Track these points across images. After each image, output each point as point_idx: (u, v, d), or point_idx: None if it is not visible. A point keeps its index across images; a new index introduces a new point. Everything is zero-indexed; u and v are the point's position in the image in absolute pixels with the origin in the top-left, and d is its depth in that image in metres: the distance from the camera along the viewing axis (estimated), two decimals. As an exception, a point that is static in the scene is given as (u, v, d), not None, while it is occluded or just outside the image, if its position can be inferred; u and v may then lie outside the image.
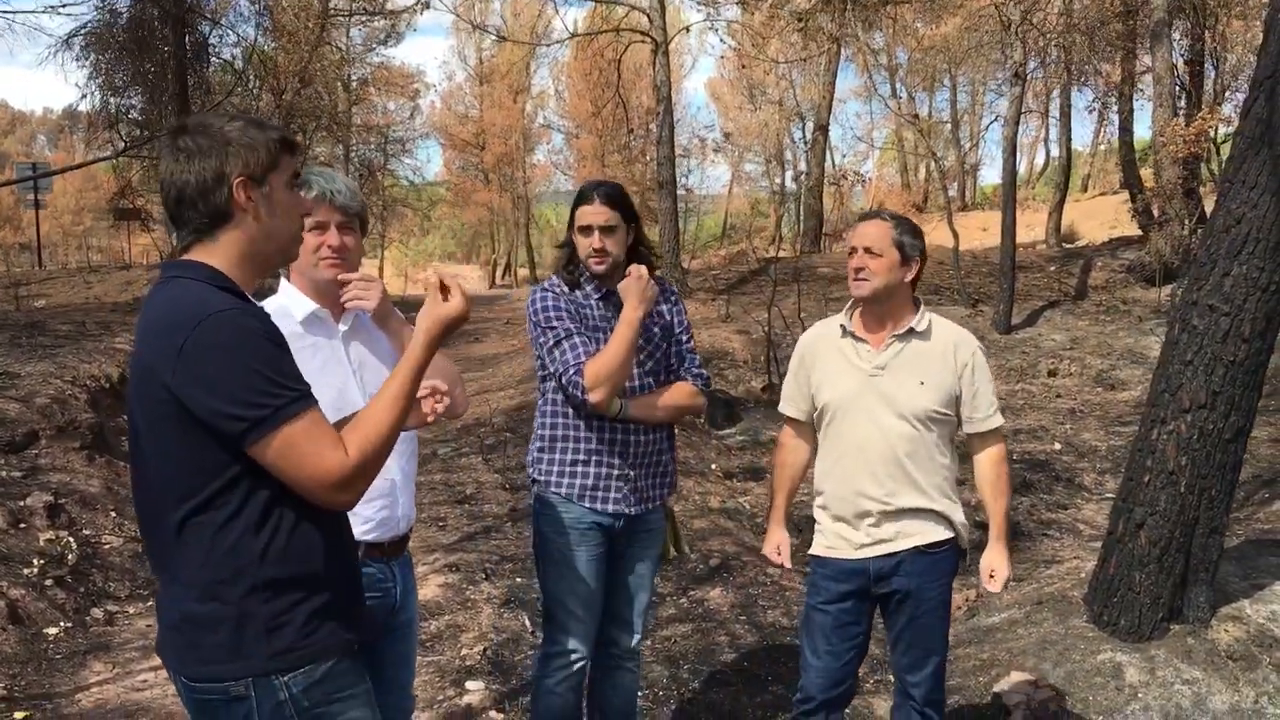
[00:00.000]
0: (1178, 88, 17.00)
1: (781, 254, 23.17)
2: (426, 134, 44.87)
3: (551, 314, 3.36)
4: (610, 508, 3.37)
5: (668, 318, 3.50)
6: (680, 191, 25.31)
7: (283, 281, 2.81)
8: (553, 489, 3.42)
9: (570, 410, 3.38)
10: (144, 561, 6.28)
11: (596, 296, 3.39)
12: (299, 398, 1.91)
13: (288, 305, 2.73)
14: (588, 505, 3.37)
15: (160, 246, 24.33)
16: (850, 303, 3.42)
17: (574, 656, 3.42)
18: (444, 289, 2.20)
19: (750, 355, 12.56)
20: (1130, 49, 18.77)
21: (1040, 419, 10.14)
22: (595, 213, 3.31)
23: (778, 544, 3.60)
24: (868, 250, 3.26)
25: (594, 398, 3.22)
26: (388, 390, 2.06)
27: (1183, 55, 18.13)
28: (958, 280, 15.97)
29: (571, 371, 3.26)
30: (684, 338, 3.52)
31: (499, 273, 47.58)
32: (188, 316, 1.88)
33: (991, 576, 3.38)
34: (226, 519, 1.94)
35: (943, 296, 15.83)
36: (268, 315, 1.98)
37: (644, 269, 3.31)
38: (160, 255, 24.60)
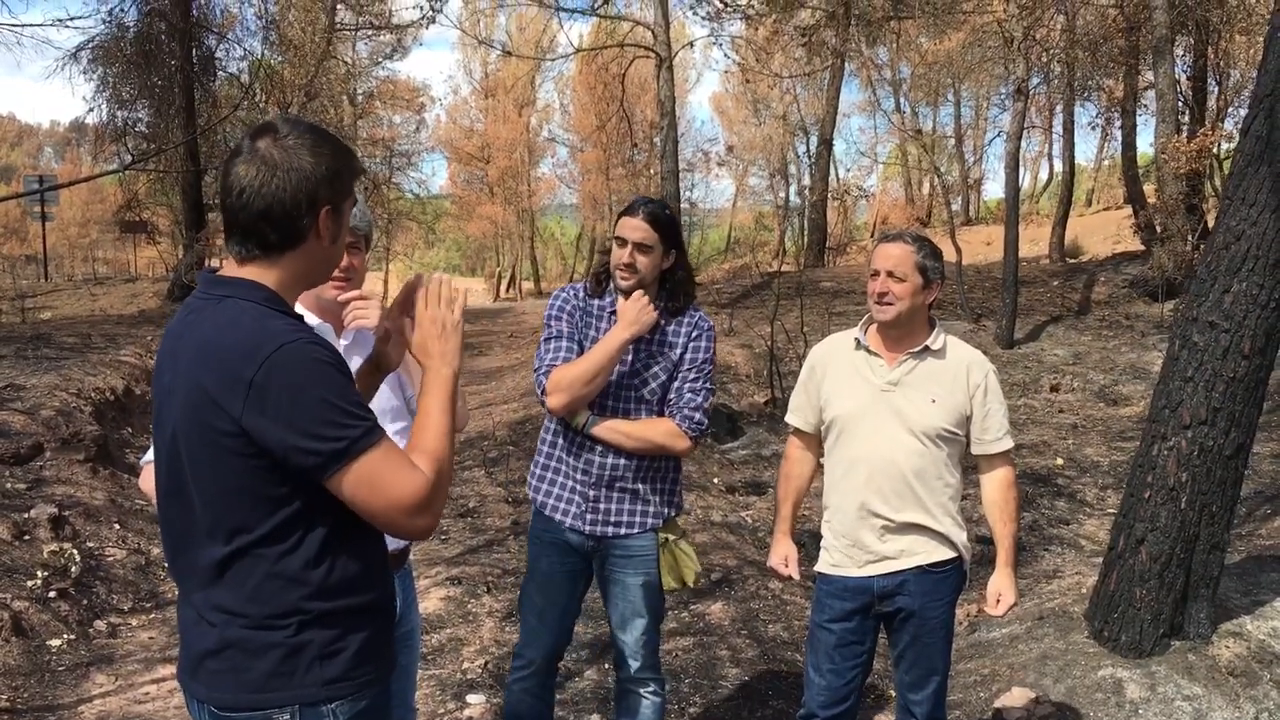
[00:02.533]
0: (1180, 103, 17.01)
1: (785, 268, 23.19)
2: (432, 148, 45.10)
3: (555, 314, 3.42)
4: (567, 522, 3.40)
5: (678, 352, 3.41)
6: (684, 205, 25.38)
7: None
8: (532, 495, 3.52)
9: (555, 420, 3.44)
10: (147, 574, 6.30)
11: (610, 310, 3.40)
12: (371, 427, 1.86)
13: None
14: (549, 515, 3.43)
15: (166, 259, 24.38)
16: (865, 317, 3.42)
17: (529, 662, 3.49)
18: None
19: (753, 369, 12.57)
20: (1133, 65, 18.79)
21: (1043, 434, 10.15)
22: (634, 227, 3.29)
23: (784, 555, 3.59)
24: (890, 274, 3.25)
25: (550, 402, 3.28)
26: (428, 409, 2.02)
27: (1185, 71, 18.17)
28: (961, 295, 15.98)
29: (542, 371, 3.33)
30: (693, 375, 3.39)
31: (503, 286, 47.63)
32: (255, 347, 1.82)
33: (998, 601, 3.38)
34: (284, 553, 1.90)
35: (946, 311, 15.83)
36: (328, 342, 1.94)
37: (645, 298, 3.29)
38: (166, 267, 24.66)
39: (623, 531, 3.40)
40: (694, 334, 3.43)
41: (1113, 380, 12.11)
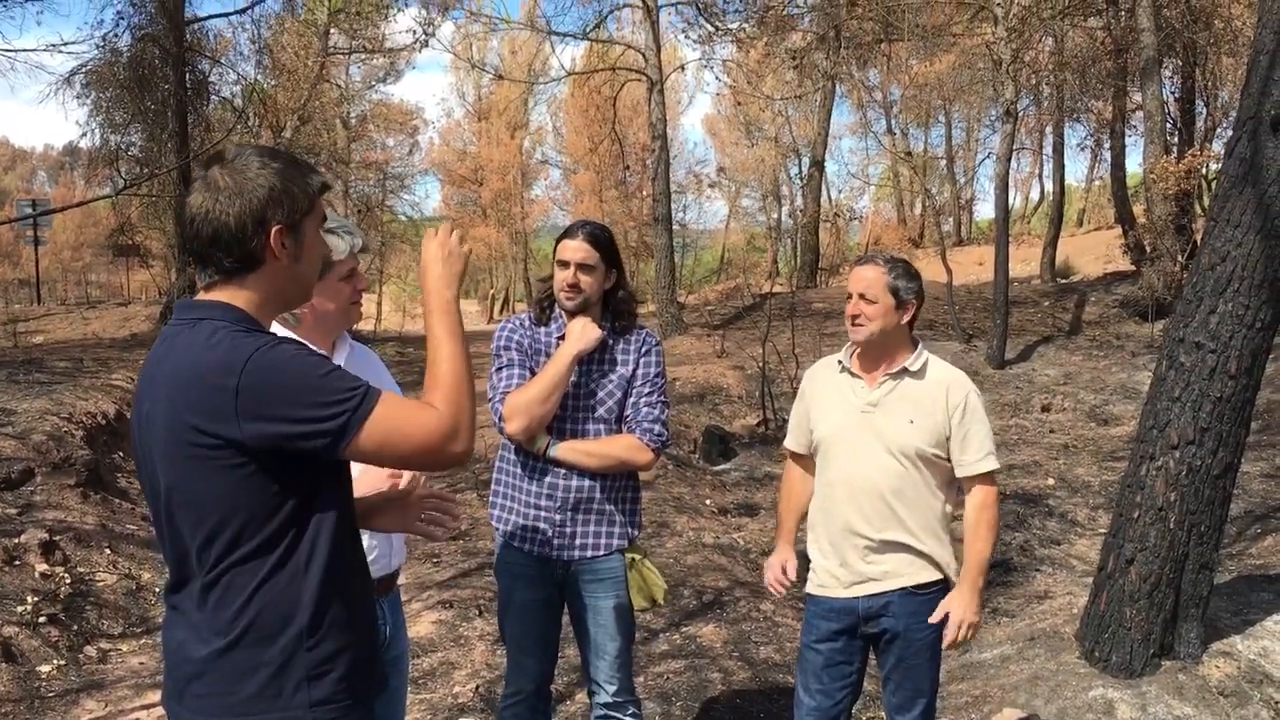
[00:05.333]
0: (1169, 125, 17.14)
1: (777, 289, 23.25)
2: (425, 170, 45.24)
3: (503, 344, 3.45)
4: (536, 550, 3.40)
5: (629, 369, 3.45)
6: (676, 227, 25.47)
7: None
8: (496, 525, 3.51)
9: (512, 448, 3.45)
10: (138, 599, 6.28)
11: (558, 335, 3.43)
12: (365, 392, 1.90)
13: None
14: (517, 545, 3.43)
15: (159, 282, 24.40)
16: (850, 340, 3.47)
17: (518, 690, 3.51)
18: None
19: (745, 391, 12.59)
20: (1121, 87, 18.92)
21: (1034, 454, 10.17)
22: (575, 248, 3.35)
23: (784, 560, 3.59)
24: (862, 296, 3.30)
25: (509, 428, 3.29)
26: (436, 337, 2.09)
27: (1173, 93, 18.31)
28: (952, 315, 16.02)
29: (496, 399, 3.35)
30: (647, 390, 3.43)
31: (497, 308, 47.71)
32: (231, 360, 1.85)
33: (954, 621, 3.27)
34: (271, 574, 1.91)
35: (937, 331, 15.88)
36: (297, 339, 2.00)
37: (588, 319, 3.35)
38: (159, 291, 24.66)
39: (589, 554, 3.41)
40: (643, 349, 3.48)
41: (1103, 400, 12.15)
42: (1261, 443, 9.32)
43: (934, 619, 3.30)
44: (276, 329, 2.80)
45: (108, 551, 6.73)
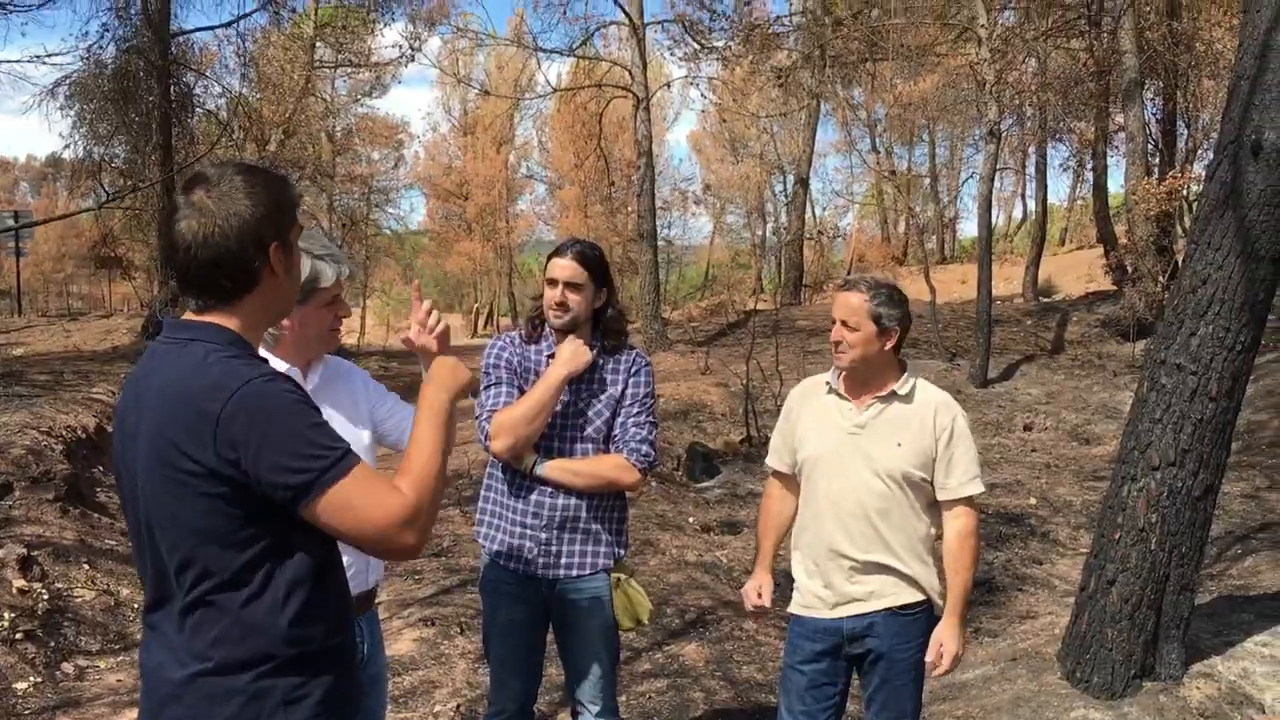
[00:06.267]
0: (1150, 146, 17.29)
1: (762, 305, 23.31)
2: (410, 184, 45.23)
3: (493, 362, 3.45)
4: (522, 568, 3.39)
5: (618, 389, 3.45)
6: (661, 243, 25.53)
7: None
8: (482, 543, 3.50)
9: (500, 466, 3.44)
10: (116, 615, 6.23)
11: (548, 353, 3.43)
12: (342, 455, 1.87)
13: None
14: (502, 564, 3.42)
15: (141, 295, 24.29)
16: None
17: (501, 709, 3.48)
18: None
19: (729, 408, 12.60)
20: (1103, 108, 19.09)
21: (1016, 473, 10.20)
22: (564, 267, 3.35)
23: (759, 585, 3.58)
24: (844, 323, 3.30)
25: (494, 445, 3.27)
26: (421, 430, 2.05)
27: (1155, 114, 18.48)
28: (935, 334, 16.09)
29: (483, 417, 3.34)
30: (636, 410, 3.43)
31: (481, 322, 47.65)
32: (220, 385, 1.83)
33: (940, 653, 3.30)
34: (249, 598, 1.89)
35: (921, 350, 15.94)
36: (291, 378, 1.94)
37: (579, 340, 3.35)
38: (141, 303, 24.54)
39: (574, 573, 3.39)
40: (633, 369, 3.48)
41: (1085, 420, 12.20)
42: (1242, 463, 9.38)
43: (929, 658, 3.31)
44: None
45: (86, 567, 6.67)
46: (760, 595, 3.58)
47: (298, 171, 24.47)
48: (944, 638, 3.29)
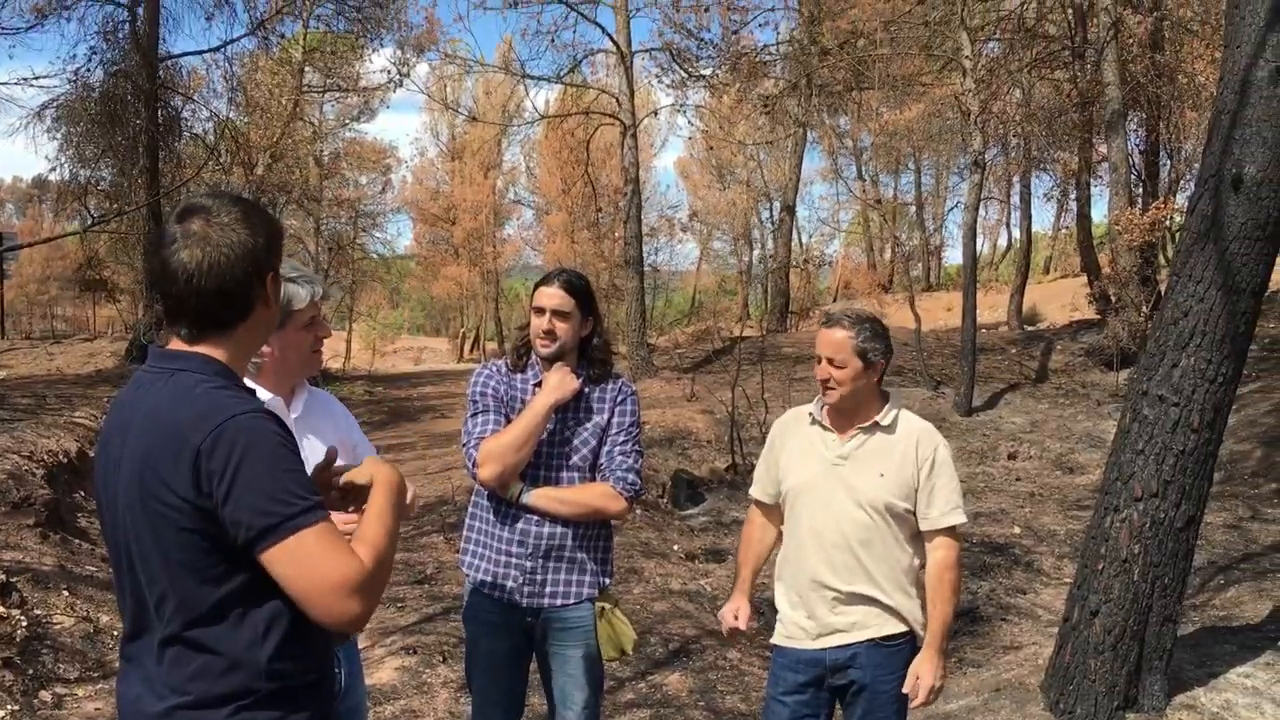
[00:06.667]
0: (1133, 176, 17.43)
1: (748, 332, 23.35)
2: (397, 209, 45.20)
3: (479, 390, 3.45)
4: (506, 597, 3.37)
5: (605, 418, 3.45)
6: (648, 269, 25.58)
7: None
8: (466, 572, 3.48)
9: (485, 494, 3.43)
10: (95, 643, 6.17)
11: (534, 382, 3.44)
12: (312, 507, 1.85)
13: None
14: (486, 593, 3.40)
15: (125, 318, 24.21)
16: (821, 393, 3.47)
17: None
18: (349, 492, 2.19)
19: (714, 435, 12.60)
20: (1087, 139, 19.24)
21: (1000, 502, 10.22)
22: (551, 295, 3.36)
23: (737, 608, 3.57)
24: (831, 360, 3.31)
25: (481, 474, 3.28)
26: (379, 503, 2.04)
27: (1138, 145, 18.64)
28: (920, 362, 16.14)
29: (471, 445, 3.35)
30: (622, 439, 3.44)
31: (467, 346, 47.62)
32: (204, 417, 1.83)
33: (916, 684, 3.28)
34: (227, 632, 1.88)
35: (905, 377, 15.98)
36: (278, 417, 1.93)
37: (566, 368, 3.36)
38: (125, 326, 24.45)
39: (559, 602, 3.38)
40: (619, 398, 3.49)
41: (1069, 448, 12.24)
42: (1225, 493, 9.41)
43: (907, 688, 3.29)
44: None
45: (65, 593, 6.61)
46: (737, 618, 3.57)
47: (285, 195, 24.50)
48: (921, 670, 3.29)
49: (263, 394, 2.77)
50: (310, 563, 1.82)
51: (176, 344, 1.99)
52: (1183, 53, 17.08)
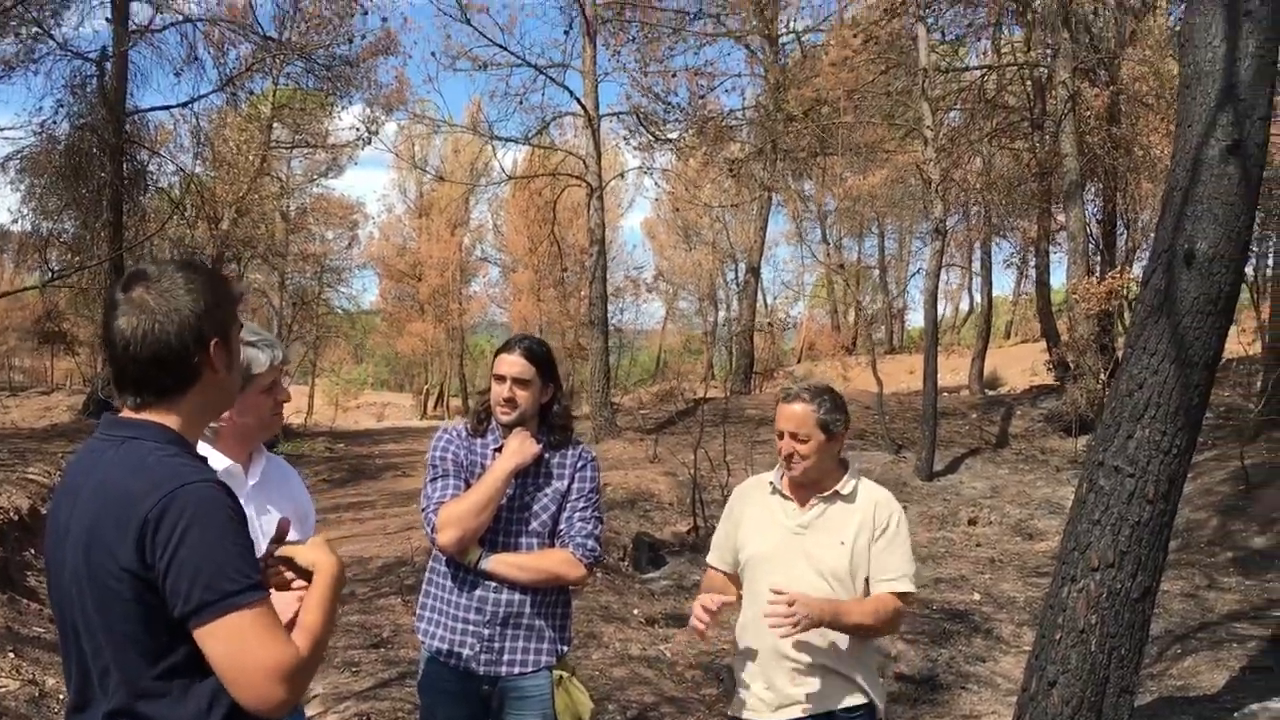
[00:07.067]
0: (1091, 245, 17.74)
1: (713, 392, 23.42)
2: (364, 264, 45.12)
3: (438, 454, 3.44)
4: (463, 665, 3.33)
5: (565, 483, 3.45)
6: (613, 328, 25.68)
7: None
8: (422, 639, 3.45)
9: (443, 560, 3.41)
10: (40, 706, 6.03)
11: (494, 447, 3.43)
12: (252, 587, 1.82)
13: None
14: (443, 660, 3.36)
15: (84, 371, 23.96)
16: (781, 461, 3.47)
17: None
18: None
19: (677, 497, 12.57)
20: (1046, 208, 19.59)
21: (960, 568, 10.24)
22: (512, 363, 3.37)
23: (704, 601, 3.33)
24: (793, 435, 3.33)
25: (441, 538, 3.26)
26: (320, 591, 2.03)
27: (1096, 215, 18.99)
28: (882, 425, 16.23)
29: (430, 510, 3.33)
30: (582, 505, 3.43)
31: (431, 403, 47.37)
32: (155, 485, 1.81)
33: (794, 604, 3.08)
34: (173, 706, 1.85)
35: (867, 441, 16.05)
36: (231, 489, 1.91)
37: (526, 433, 3.36)
38: (84, 379, 24.19)
39: (516, 671, 3.35)
40: (579, 465, 3.48)
41: (1028, 514, 12.31)
42: (1181, 562, 9.48)
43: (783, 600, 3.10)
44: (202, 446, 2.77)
45: (12, 655, 6.46)
46: (704, 608, 3.31)
47: (250, 250, 24.41)
48: (809, 601, 3.12)
49: (220, 460, 2.75)
50: (244, 643, 1.80)
51: (127, 412, 1.98)
52: (1139, 126, 17.47)
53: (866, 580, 3.31)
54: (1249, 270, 14.29)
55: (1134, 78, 17.54)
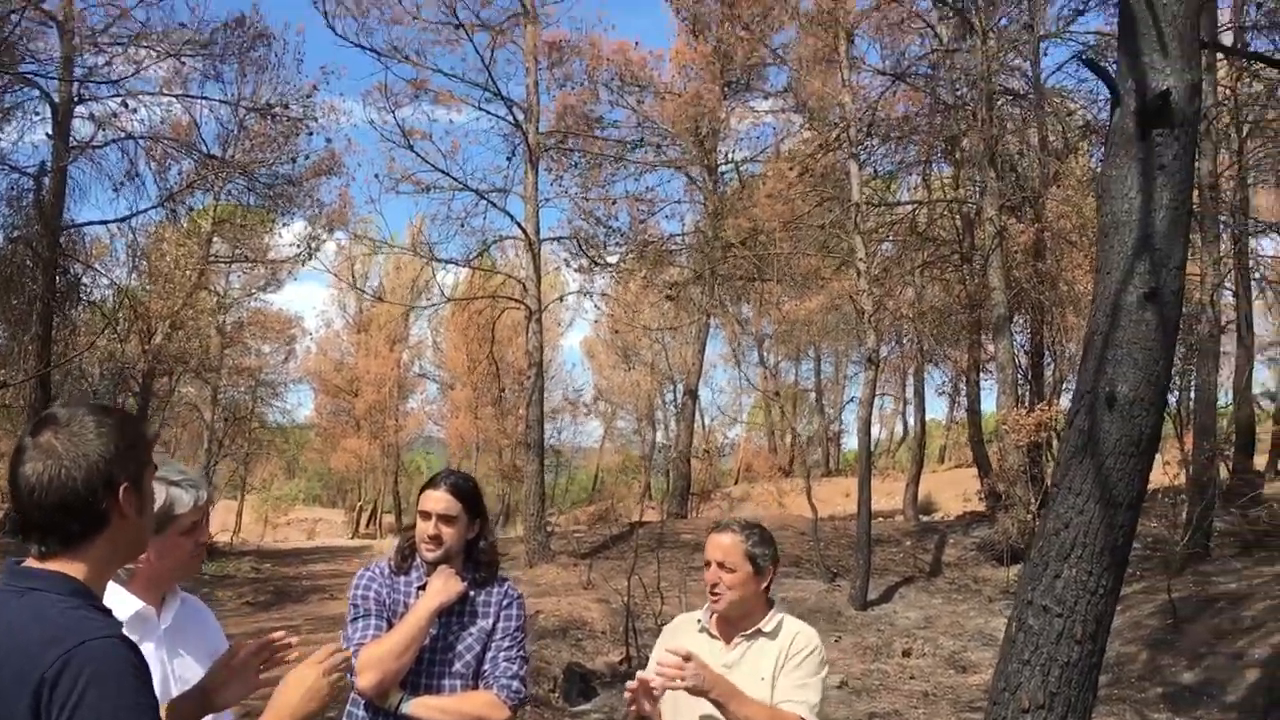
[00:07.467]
0: (1019, 376, 18.11)
1: (649, 514, 23.31)
2: (299, 378, 44.67)
3: (360, 594, 3.36)
4: None
5: (490, 622, 3.38)
6: (552, 446, 25.54)
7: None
8: None
9: (361, 704, 3.28)
10: None
11: (418, 585, 3.36)
12: None
13: (112, 606, 2.66)
14: None
15: (4, 486, 23.19)
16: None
17: None
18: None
19: (609, 625, 12.37)
20: (976, 339, 20.02)
21: (894, 702, 10.13)
22: (438, 499, 3.31)
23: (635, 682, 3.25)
24: (721, 565, 3.33)
25: (360, 681, 3.15)
26: None
27: (1023, 346, 19.44)
28: (817, 553, 16.21)
29: (350, 651, 3.22)
30: (507, 644, 3.36)
31: (364, 521, 46.52)
32: (54, 640, 1.75)
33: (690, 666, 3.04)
34: None
35: (802, 569, 16.01)
36: (134, 643, 1.85)
37: (450, 570, 3.30)
38: (3, 496, 23.41)
39: None
40: (505, 603, 3.42)
41: (962, 645, 12.27)
42: (1112, 697, 9.48)
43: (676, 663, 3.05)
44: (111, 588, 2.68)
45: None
46: (637, 679, 3.24)
47: (182, 365, 24.08)
48: (706, 671, 3.07)
49: (131, 603, 2.66)
50: None
51: (32, 560, 1.92)
52: (1063, 261, 18.06)
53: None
54: (1172, 401, 14.66)
55: (1058, 215, 18.20)
